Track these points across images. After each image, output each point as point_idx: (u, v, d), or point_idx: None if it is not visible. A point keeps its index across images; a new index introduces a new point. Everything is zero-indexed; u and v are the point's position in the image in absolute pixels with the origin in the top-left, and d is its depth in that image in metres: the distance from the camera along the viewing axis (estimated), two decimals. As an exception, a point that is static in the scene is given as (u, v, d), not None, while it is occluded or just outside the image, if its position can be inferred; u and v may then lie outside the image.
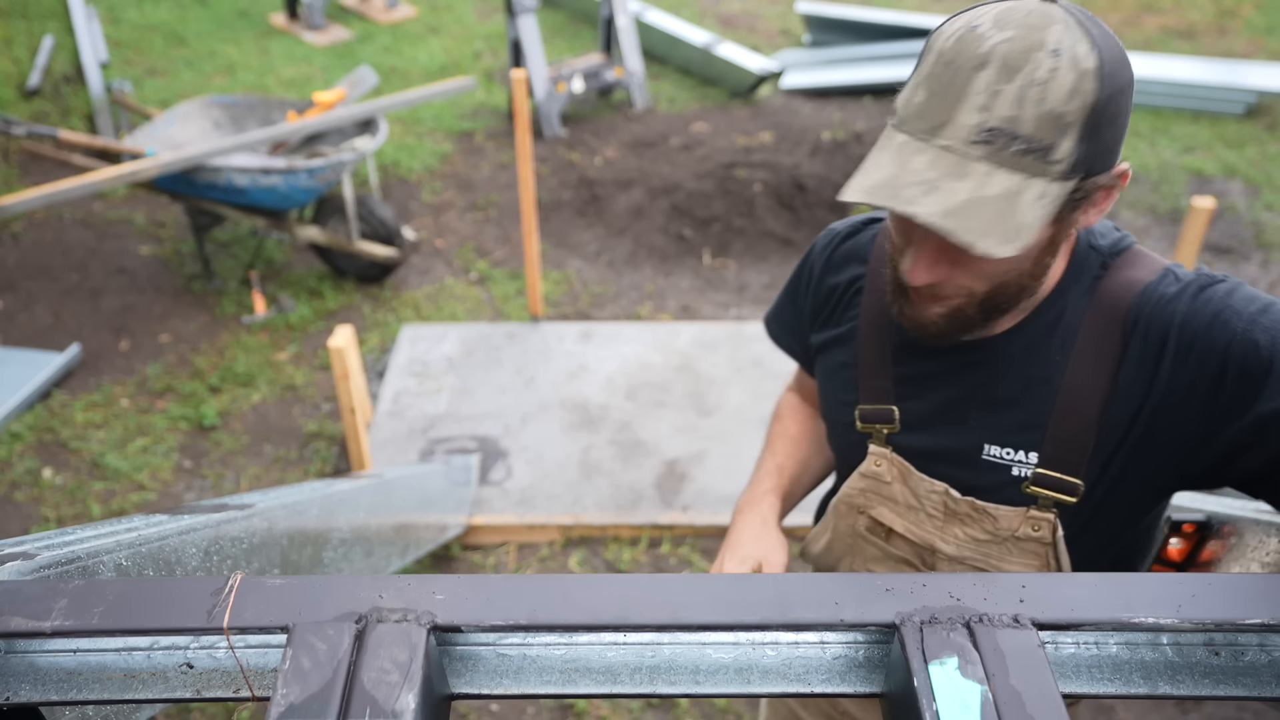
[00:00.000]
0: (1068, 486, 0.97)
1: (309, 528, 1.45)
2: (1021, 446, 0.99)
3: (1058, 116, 0.79)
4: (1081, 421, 0.95)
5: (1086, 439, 0.95)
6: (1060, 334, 0.95)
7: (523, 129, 3.44)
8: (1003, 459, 1.01)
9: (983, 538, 1.06)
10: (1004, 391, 1.00)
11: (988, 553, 1.06)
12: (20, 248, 4.50)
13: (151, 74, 6.24)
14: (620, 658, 0.61)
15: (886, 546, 1.17)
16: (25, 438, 3.44)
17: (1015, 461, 1.00)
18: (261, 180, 3.75)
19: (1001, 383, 0.99)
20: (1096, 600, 0.59)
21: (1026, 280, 0.92)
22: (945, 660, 0.55)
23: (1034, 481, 0.99)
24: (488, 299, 4.22)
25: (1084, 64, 0.79)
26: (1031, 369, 0.97)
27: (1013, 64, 0.79)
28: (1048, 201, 0.82)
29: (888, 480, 1.11)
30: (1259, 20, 6.87)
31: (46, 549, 0.80)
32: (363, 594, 0.58)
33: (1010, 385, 0.99)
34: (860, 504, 1.16)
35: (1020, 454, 0.99)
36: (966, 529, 1.06)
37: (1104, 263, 0.97)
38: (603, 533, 3.03)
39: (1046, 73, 0.78)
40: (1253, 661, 0.60)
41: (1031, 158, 0.80)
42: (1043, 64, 0.78)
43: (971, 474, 1.04)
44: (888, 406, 1.08)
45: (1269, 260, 4.39)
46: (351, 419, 2.91)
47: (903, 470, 1.09)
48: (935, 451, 1.06)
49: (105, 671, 0.60)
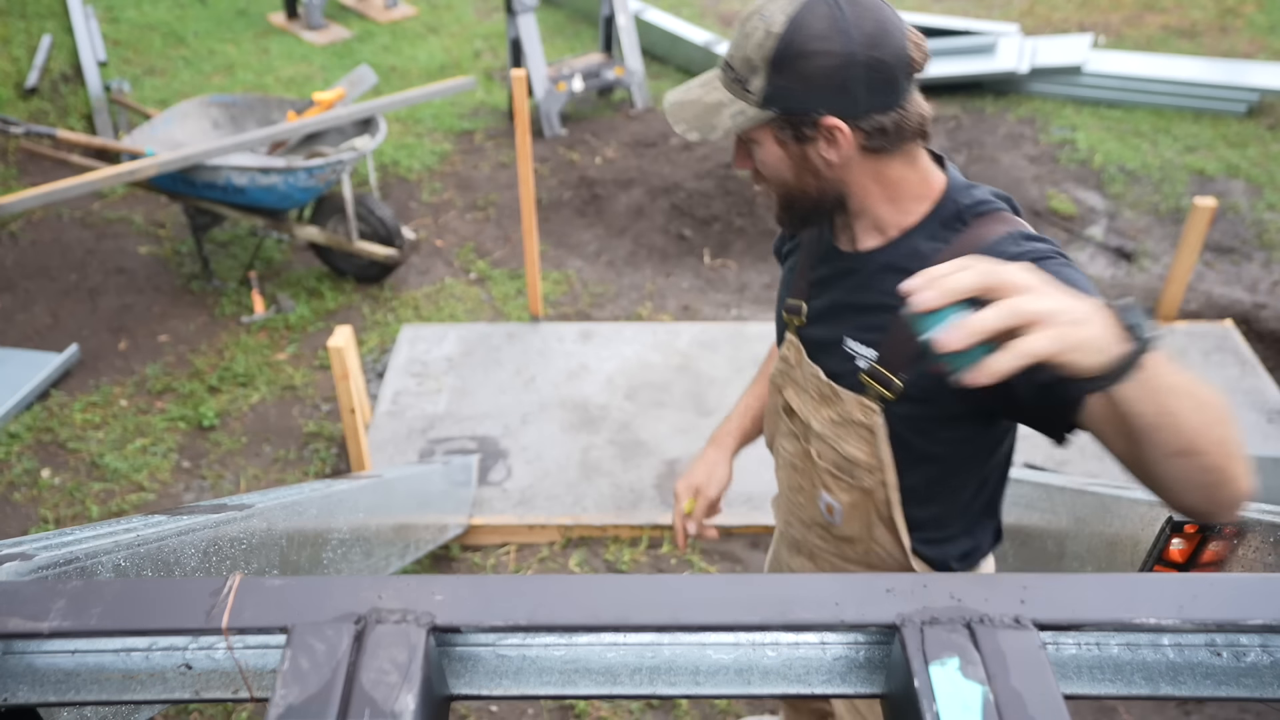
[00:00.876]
0: (890, 383, 1.21)
1: (308, 528, 1.45)
2: (868, 344, 1.23)
3: (749, 60, 1.12)
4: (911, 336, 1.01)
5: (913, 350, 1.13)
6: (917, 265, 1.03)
7: (522, 128, 3.44)
8: (853, 350, 1.25)
9: (836, 419, 1.30)
10: (864, 298, 1.24)
11: (838, 434, 1.30)
12: (18, 247, 4.50)
13: (150, 73, 6.23)
14: (620, 658, 0.61)
15: (789, 424, 1.42)
16: (23, 438, 3.44)
17: (860, 354, 1.24)
18: (260, 180, 3.75)
19: (863, 290, 1.24)
20: (1098, 601, 0.59)
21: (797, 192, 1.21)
22: (946, 661, 0.55)
23: (867, 373, 1.23)
24: (487, 299, 4.22)
25: (773, 29, 1.09)
26: (887, 285, 1.14)
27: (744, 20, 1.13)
28: (743, 119, 1.15)
29: (793, 364, 1.38)
30: (1261, 19, 6.87)
31: (45, 550, 0.80)
32: (362, 595, 0.58)
33: (869, 294, 1.23)
34: (779, 384, 1.43)
35: (866, 350, 1.23)
36: (827, 410, 1.31)
37: (964, 217, 1.18)
38: (603, 533, 3.03)
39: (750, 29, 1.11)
40: (1255, 663, 0.60)
41: (738, 86, 1.15)
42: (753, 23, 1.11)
43: (835, 361, 1.29)
44: (799, 302, 1.35)
45: (1271, 260, 4.39)
46: (351, 419, 2.90)
47: (799, 356, 1.35)
48: (819, 340, 1.32)
49: (103, 672, 0.60)
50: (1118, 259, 4.45)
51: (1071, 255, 4.51)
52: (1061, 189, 4.94)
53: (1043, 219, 4.71)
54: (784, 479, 1.49)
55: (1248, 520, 1.07)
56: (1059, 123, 5.58)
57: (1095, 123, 5.58)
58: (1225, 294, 4.15)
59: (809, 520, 1.45)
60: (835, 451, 1.31)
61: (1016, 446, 1.34)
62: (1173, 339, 3.75)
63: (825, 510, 1.39)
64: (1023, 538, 1.96)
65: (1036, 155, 5.26)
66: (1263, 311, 4.03)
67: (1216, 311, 4.03)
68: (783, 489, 1.51)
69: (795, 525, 1.50)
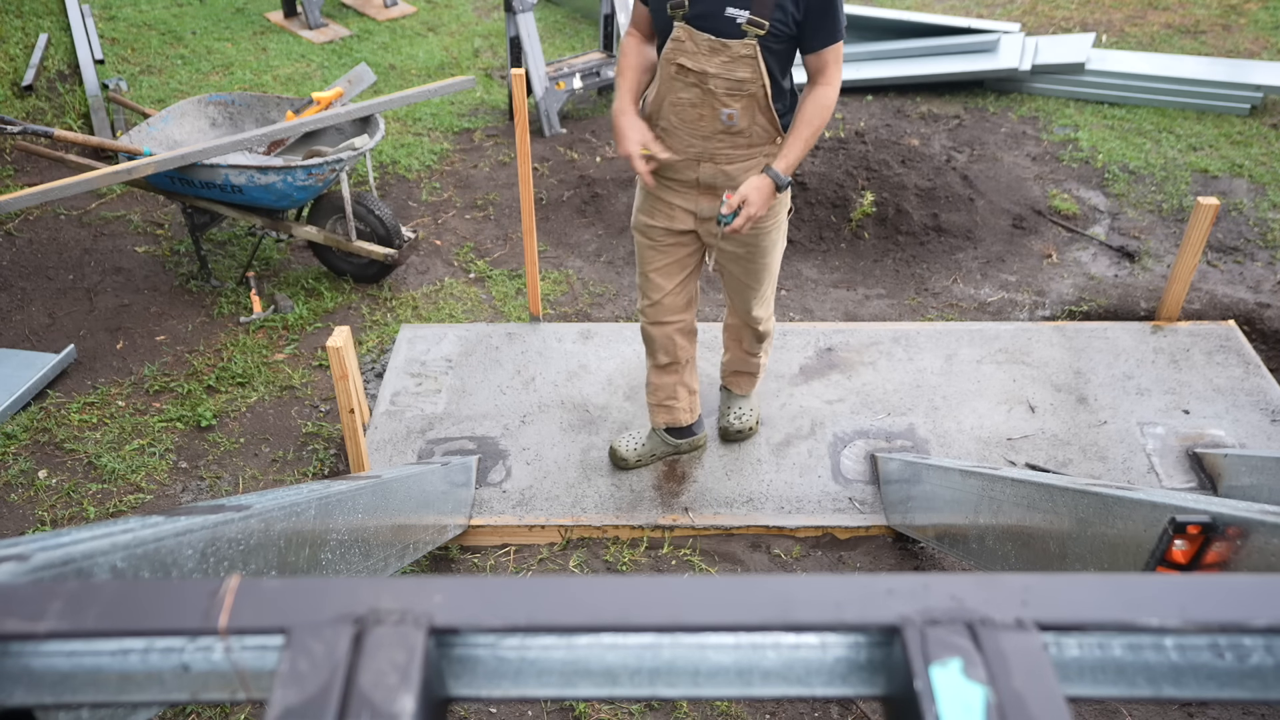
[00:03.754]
0: (762, 25, 2.26)
1: (306, 529, 1.45)
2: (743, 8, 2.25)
3: None
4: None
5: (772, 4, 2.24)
6: None
7: (522, 127, 3.44)
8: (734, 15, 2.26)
9: (726, 59, 2.30)
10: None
11: (730, 68, 2.31)
12: (15, 247, 4.49)
13: (147, 72, 6.23)
14: (620, 659, 0.60)
15: (685, 80, 2.36)
16: (20, 439, 3.44)
17: (739, 15, 2.25)
18: (258, 179, 3.75)
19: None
20: (1100, 602, 0.59)
21: None
22: (948, 662, 0.55)
23: (748, 23, 2.25)
24: (487, 299, 4.22)
25: None
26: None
27: None
28: None
29: (683, 39, 2.31)
30: (1265, 17, 6.87)
31: (41, 551, 0.80)
32: (361, 596, 0.58)
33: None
34: (671, 58, 2.36)
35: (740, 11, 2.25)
36: (718, 58, 2.31)
37: None
38: (602, 534, 3.03)
39: None
40: (1258, 664, 0.60)
41: None
42: None
43: (720, 25, 2.28)
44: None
45: (1274, 259, 4.39)
46: (349, 420, 2.90)
47: (689, 32, 2.30)
48: (703, 16, 2.28)
49: (100, 674, 0.60)
50: (1120, 258, 4.45)
51: (1074, 254, 4.51)
52: (1064, 188, 4.94)
53: (1045, 218, 4.71)
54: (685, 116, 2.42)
55: (1251, 521, 1.07)
56: (1061, 121, 5.58)
57: (1098, 121, 5.58)
58: (1228, 294, 4.15)
59: (710, 132, 2.43)
60: (728, 80, 2.32)
61: (1018, 447, 1.39)
62: (1175, 339, 3.75)
63: (726, 119, 2.38)
64: (1024, 538, 1.96)
65: (1039, 154, 5.26)
66: (1266, 311, 4.02)
67: (1220, 311, 4.03)
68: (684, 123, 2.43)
69: (696, 143, 2.46)
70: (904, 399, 3.48)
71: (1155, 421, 3.37)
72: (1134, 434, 3.32)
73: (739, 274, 2.77)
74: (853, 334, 3.79)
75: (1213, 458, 3.15)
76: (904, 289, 4.26)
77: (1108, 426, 3.35)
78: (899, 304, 4.17)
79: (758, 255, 2.72)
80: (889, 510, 3.04)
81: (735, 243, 2.64)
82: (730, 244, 2.66)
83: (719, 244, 2.68)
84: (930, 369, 3.62)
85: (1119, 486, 1.69)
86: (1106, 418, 3.39)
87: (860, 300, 4.18)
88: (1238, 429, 3.32)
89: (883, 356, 3.68)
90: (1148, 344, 3.73)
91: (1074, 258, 4.45)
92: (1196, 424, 3.35)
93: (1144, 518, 1.41)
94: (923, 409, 3.43)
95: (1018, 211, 4.73)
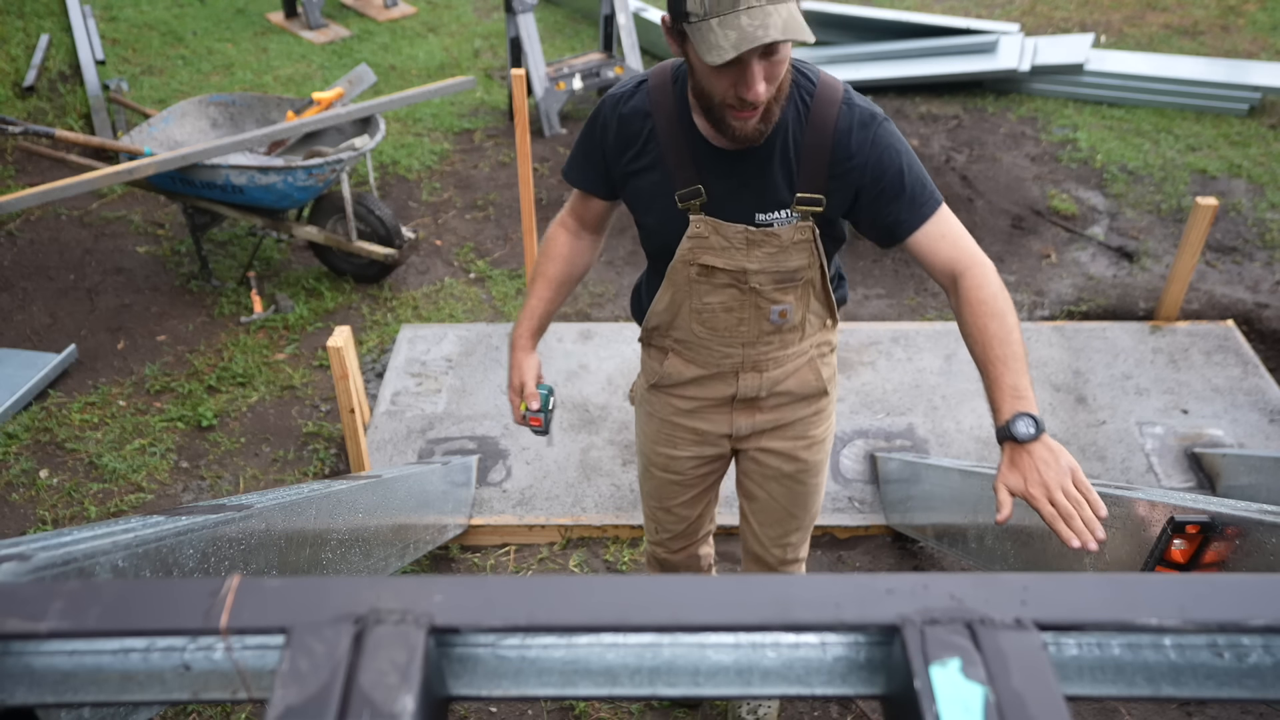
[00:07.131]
0: (818, 201, 1.64)
1: (307, 529, 1.45)
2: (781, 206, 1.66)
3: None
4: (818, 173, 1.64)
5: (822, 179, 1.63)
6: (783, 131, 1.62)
7: (522, 127, 3.44)
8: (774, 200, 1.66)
9: (773, 250, 1.68)
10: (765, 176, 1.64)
11: (779, 260, 1.69)
12: (16, 247, 4.49)
13: (148, 72, 6.23)
14: (620, 659, 0.61)
15: (713, 281, 1.75)
16: (21, 438, 3.44)
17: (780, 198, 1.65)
18: (259, 179, 3.75)
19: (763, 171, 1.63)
20: (1099, 601, 0.59)
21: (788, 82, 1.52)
22: (947, 662, 0.55)
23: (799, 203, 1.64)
24: (487, 299, 4.22)
25: None
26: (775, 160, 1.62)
27: None
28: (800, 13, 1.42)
29: (706, 235, 1.69)
30: (1263, 18, 6.87)
31: (43, 550, 0.80)
32: (361, 595, 0.58)
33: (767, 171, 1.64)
34: (690, 258, 1.73)
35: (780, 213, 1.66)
36: (760, 250, 1.69)
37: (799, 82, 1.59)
38: (602, 533, 3.03)
39: None
40: (1257, 663, 0.60)
41: None
42: None
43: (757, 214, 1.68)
44: (697, 186, 1.66)
45: (1273, 260, 4.39)
46: (350, 419, 2.90)
47: (714, 225, 1.68)
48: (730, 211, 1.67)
49: (101, 673, 0.60)
50: (1119, 259, 4.45)
51: (1073, 254, 4.52)
52: (1063, 188, 4.94)
53: (1044, 218, 4.71)
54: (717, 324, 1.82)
55: (1249, 520, 1.07)
56: (1060, 122, 5.58)
57: (1096, 122, 5.58)
58: (1227, 294, 4.15)
59: (755, 336, 1.83)
60: (778, 271, 1.72)
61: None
62: (1174, 339, 3.75)
63: (778, 316, 1.79)
64: (1024, 538, 1.96)
65: (1038, 154, 5.26)
66: (1265, 311, 4.02)
67: (1218, 311, 4.03)
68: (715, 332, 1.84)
69: (734, 352, 1.85)
70: (903, 399, 3.48)
71: (1154, 421, 3.37)
72: (1133, 434, 3.32)
73: (780, 497, 2.07)
74: (852, 334, 3.79)
75: (1211, 457, 3.15)
76: (903, 289, 4.26)
77: (1107, 426, 3.35)
78: (898, 304, 4.17)
79: (811, 472, 2.04)
80: (888, 510, 3.04)
81: (782, 457, 2.00)
82: (775, 459, 2.01)
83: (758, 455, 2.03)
84: (929, 369, 3.62)
85: (1118, 486, 1.69)
86: (1105, 417, 3.39)
87: (859, 300, 4.18)
88: (1236, 429, 3.32)
89: (882, 356, 3.68)
90: (1146, 344, 3.73)
91: (1073, 258, 4.45)
92: (1195, 424, 3.35)
93: (1143, 518, 1.42)
94: (922, 409, 3.44)
95: (1017, 212, 4.73)
